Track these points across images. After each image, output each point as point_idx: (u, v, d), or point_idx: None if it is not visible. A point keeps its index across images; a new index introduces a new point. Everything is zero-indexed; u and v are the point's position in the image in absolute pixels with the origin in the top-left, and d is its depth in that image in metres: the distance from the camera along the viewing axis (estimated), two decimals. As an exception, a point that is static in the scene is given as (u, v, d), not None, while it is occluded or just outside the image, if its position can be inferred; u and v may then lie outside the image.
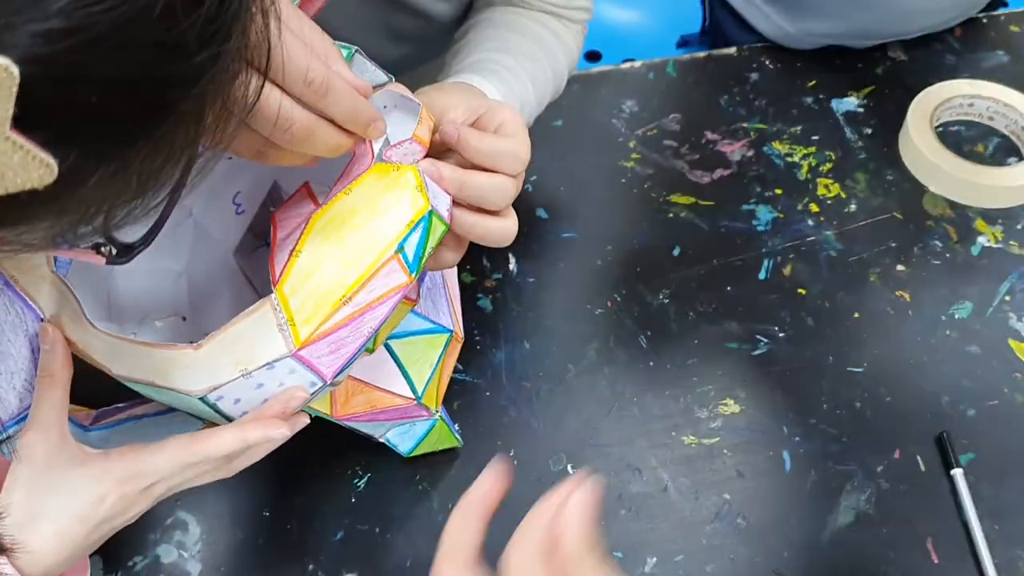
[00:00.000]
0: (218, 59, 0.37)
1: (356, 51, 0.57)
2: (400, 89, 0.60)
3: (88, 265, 0.62)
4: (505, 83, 0.76)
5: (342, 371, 0.56)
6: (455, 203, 0.61)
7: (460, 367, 0.86)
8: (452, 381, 0.84)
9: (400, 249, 0.56)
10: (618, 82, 1.10)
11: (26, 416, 0.57)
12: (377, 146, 0.58)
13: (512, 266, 0.94)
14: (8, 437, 0.55)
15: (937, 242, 0.95)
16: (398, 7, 0.92)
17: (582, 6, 0.89)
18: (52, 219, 0.38)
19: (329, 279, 0.55)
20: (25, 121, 0.32)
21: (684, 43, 1.96)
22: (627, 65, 1.12)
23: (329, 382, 0.56)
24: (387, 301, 0.55)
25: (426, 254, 0.57)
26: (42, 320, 0.58)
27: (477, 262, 0.94)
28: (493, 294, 0.92)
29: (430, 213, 0.57)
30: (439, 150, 0.63)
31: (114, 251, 0.47)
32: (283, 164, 0.55)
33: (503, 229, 0.64)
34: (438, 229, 0.58)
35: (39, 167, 0.33)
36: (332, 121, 0.55)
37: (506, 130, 0.64)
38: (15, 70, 0.30)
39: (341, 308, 0.55)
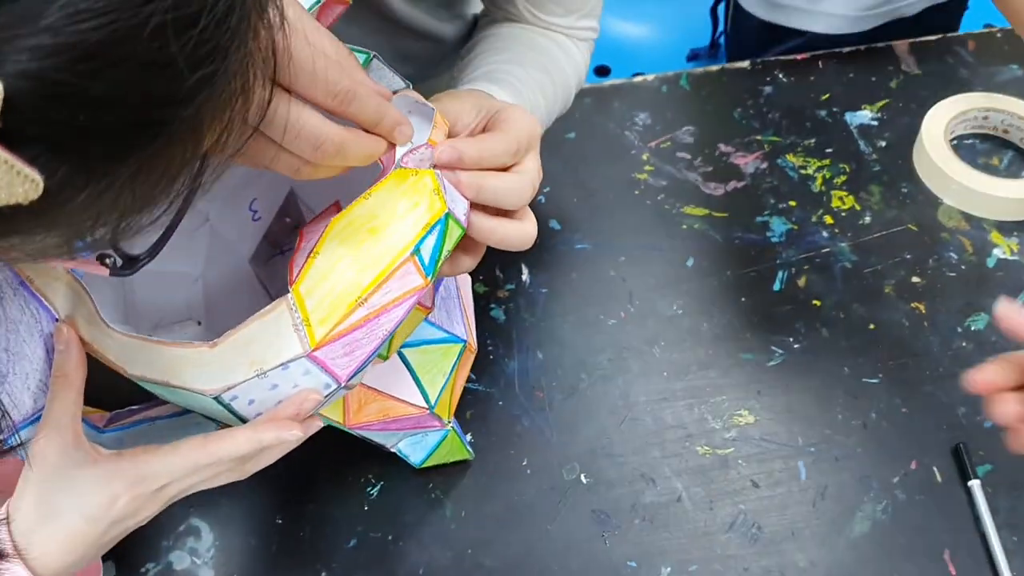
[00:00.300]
0: (212, 79, 0.37)
1: (374, 56, 0.58)
2: (415, 95, 0.60)
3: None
4: (517, 93, 0.76)
5: (356, 374, 0.56)
6: (473, 207, 0.61)
7: (473, 376, 0.86)
8: (465, 390, 0.84)
9: (416, 251, 0.56)
10: (631, 95, 1.11)
11: (40, 417, 0.57)
12: (400, 153, 0.58)
13: (525, 276, 0.94)
14: (21, 443, 0.55)
15: (952, 254, 0.95)
16: (404, 30, 0.92)
17: (588, 26, 0.90)
18: (43, 233, 0.37)
19: (345, 280, 0.55)
20: (11, 136, 0.32)
21: (693, 56, 1.97)
22: (640, 78, 1.13)
23: (343, 384, 0.56)
24: (402, 304, 0.55)
25: (442, 257, 0.57)
26: (57, 320, 0.58)
27: (490, 272, 0.94)
28: (506, 304, 0.92)
29: (447, 216, 0.57)
30: None
31: (118, 262, 0.47)
32: (318, 178, 0.55)
33: (522, 232, 0.64)
34: (455, 232, 0.58)
35: (24, 182, 0.33)
36: (361, 128, 0.56)
37: (507, 127, 0.64)
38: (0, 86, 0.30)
39: (357, 309, 0.55)
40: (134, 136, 0.36)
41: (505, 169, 0.63)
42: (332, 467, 0.81)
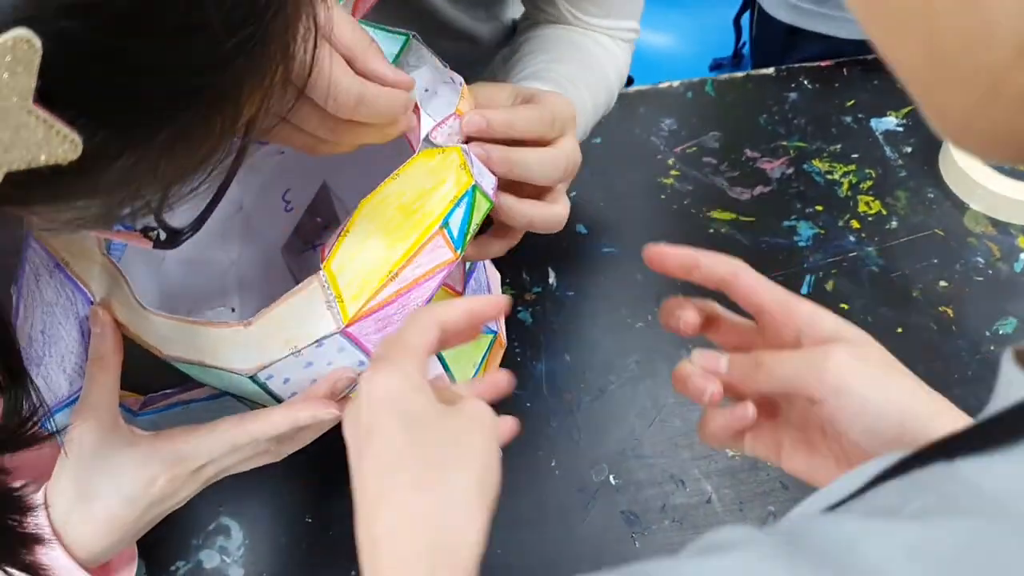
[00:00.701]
0: (250, 44, 0.37)
1: (412, 36, 0.58)
2: (446, 71, 0.61)
3: (141, 253, 0.62)
4: (562, 88, 0.77)
5: None
6: (505, 189, 0.61)
7: (500, 378, 0.86)
8: (493, 392, 0.83)
9: (445, 224, 0.56)
10: (657, 101, 1.11)
11: (75, 399, 0.57)
12: (427, 127, 0.58)
13: (552, 280, 0.95)
14: (58, 431, 0.55)
15: (979, 259, 0.95)
16: (441, 28, 0.93)
17: (629, 27, 0.91)
18: (85, 199, 0.37)
19: (376, 256, 0.55)
20: (49, 96, 0.32)
21: (716, 66, 1.97)
22: (665, 84, 1.13)
23: None
24: (433, 278, 0.56)
25: (471, 230, 0.57)
26: (92, 303, 0.58)
27: (517, 276, 0.94)
28: (533, 307, 0.92)
29: (473, 188, 0.57)
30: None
31: (162, 236, 0.47)
32: (336, 152, 0.55)
33: (551, 214, 0.64)
34: (482, 205, 0.58)
35: (63, 142, 0.33)
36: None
37: (538, 101, 0.64)
38: (38, 43, 0.30)
39: (388, 284, 0.55)
40: (172, 101, 0.36)
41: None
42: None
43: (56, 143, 0.33)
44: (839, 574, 0.27)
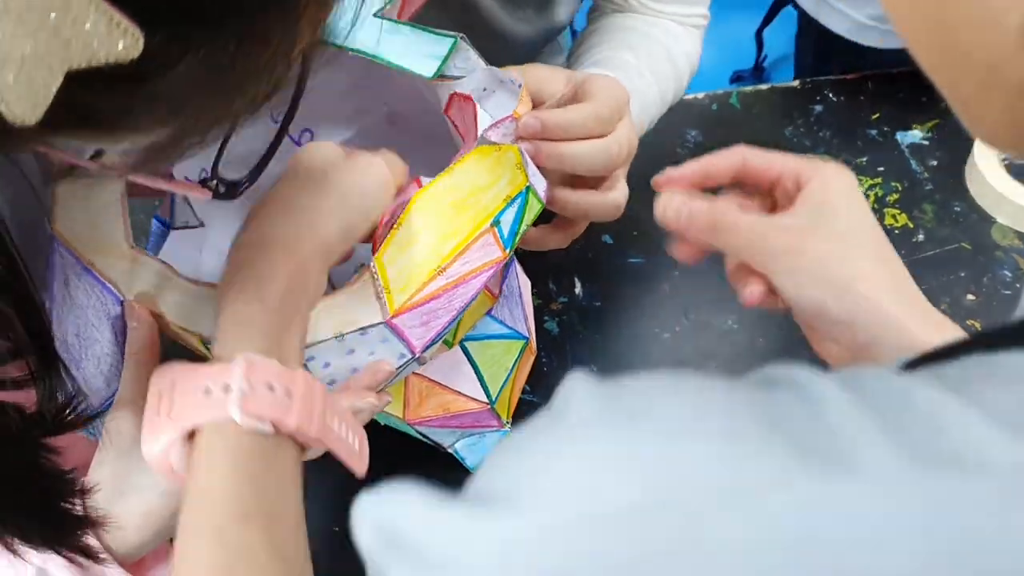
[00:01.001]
0: None
1: (461, 38, 0.58)
2: (500, 70, 0.61)
3: (177, 248, 0.62)
4: (628, 77, 0.77)
5: (429, 347, 0.57)
6: (561, 181, 0.61)
7: (528, 388, 0.85)
8: (520, 401, 0.83)
9: (496, 223, 0.56)
10: (682, 112, 1.10)
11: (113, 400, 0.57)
12: (483, 126, 0.58)
13: (578, 290, 0.94)
14: (97, 414, 0.55)
15: (1006, 272, 0.94)
16: (479, 28, 0.92)
17: (697, 13, 0.90)
18: (148, 115, 0.37)
19: (426, 249, 0.56)
20: None
21: (737, 78, 1.97)
22: (690, 96, 1.13)
23: (417, 355, 0.56)
24: (480, 275, 0.55)
25: (521, 230, 0.57)
26: (122, 303, 0.57)
27: (544, 285, 0.94)
28: (559, 317, 0.92)
29: (527, 189, 0.57)
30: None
31: (221, 188, 0.47)
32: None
33: (608, 202, 0.64)
34: (535, 207, 0.58)
35: (124, 36, 0.32)
36: None
37: (592, 96, 0.64)
38: None
39: (436, 278, 0.55)
40: (229, 3, 0.36)
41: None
42: (388, 477, 0.80)
43: (117, 35, 0.32)
44: (898, 416, 0.27)
